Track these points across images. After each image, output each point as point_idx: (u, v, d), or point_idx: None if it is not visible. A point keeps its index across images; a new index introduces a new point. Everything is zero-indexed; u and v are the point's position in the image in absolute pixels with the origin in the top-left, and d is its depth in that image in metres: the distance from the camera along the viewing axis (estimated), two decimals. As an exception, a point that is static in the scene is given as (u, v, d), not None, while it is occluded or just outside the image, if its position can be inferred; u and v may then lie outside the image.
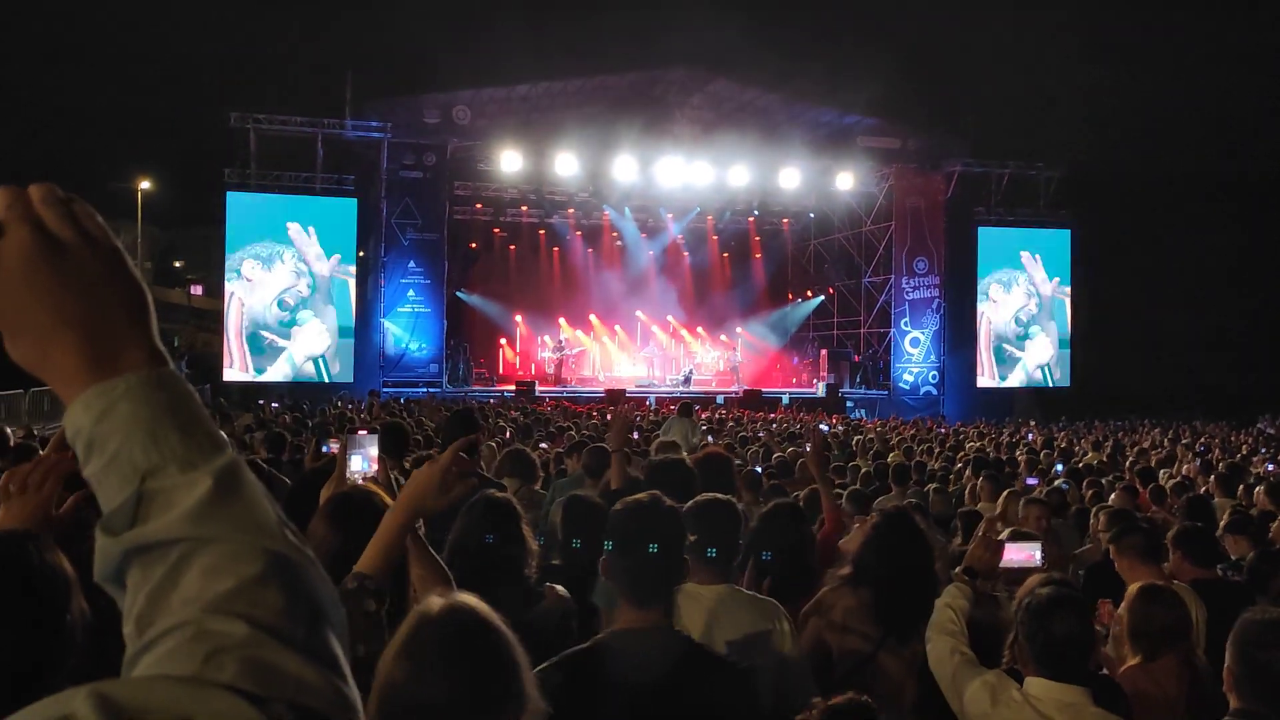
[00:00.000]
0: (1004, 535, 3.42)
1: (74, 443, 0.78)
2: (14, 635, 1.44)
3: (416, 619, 1.60)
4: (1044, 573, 3.08)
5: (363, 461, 2.64)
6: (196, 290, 42.89)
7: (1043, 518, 5.54)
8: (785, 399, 27.05)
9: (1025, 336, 29.20)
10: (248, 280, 24.41)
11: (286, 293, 24.64)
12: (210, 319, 27.81)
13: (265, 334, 24.46)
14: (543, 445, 9.36)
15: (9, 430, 5.36)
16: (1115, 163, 33.78)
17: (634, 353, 31.40)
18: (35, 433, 9.47)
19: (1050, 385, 29.44)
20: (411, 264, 25.70)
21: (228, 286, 24.55)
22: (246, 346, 24.35)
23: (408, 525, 2.21)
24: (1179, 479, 9.42)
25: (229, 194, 24.61)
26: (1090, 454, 13.34)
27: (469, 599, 1.64)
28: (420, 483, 2.20)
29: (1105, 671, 3.28)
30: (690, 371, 29.39)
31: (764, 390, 27.90)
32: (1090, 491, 8.04)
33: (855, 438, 13.98)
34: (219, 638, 0.71)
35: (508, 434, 10.76)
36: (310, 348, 24.72)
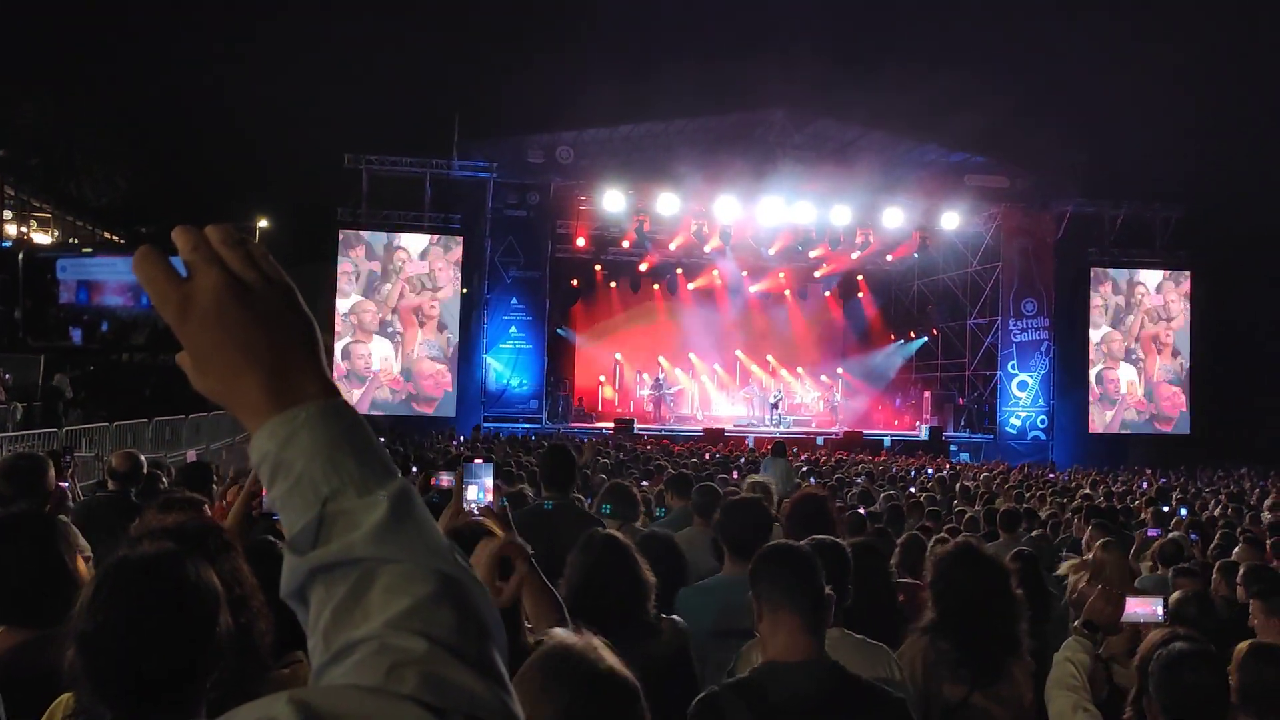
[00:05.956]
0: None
1: (259, 467, 0.83)
2: (170, 646, 1.53)
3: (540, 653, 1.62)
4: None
5: (479, 491, 2.67)
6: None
7: (1115, 559, 5.23)
8: (887, 441, 26.54)
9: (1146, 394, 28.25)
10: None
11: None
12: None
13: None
14: (644, 484, 9.36)
15: (143, 458, 5.62)
16: (1238, 202, 32.28)
17: (733, 392, 31.28)
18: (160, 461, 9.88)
19: (1167, 433, 28.26)
20: (514, 301, 26.18)
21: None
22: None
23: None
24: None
25: (341, 232, 25.50)
26: (1211, 505, 12.72)
27: (590, 638, 1.65)
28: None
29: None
30: (779, 395, 29.10)
31: (865, 432, 27.43)
32: (1216, 546, 7.66)
33: (959, 483, 13.62)
34: (400, 653, 0.75)
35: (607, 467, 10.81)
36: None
